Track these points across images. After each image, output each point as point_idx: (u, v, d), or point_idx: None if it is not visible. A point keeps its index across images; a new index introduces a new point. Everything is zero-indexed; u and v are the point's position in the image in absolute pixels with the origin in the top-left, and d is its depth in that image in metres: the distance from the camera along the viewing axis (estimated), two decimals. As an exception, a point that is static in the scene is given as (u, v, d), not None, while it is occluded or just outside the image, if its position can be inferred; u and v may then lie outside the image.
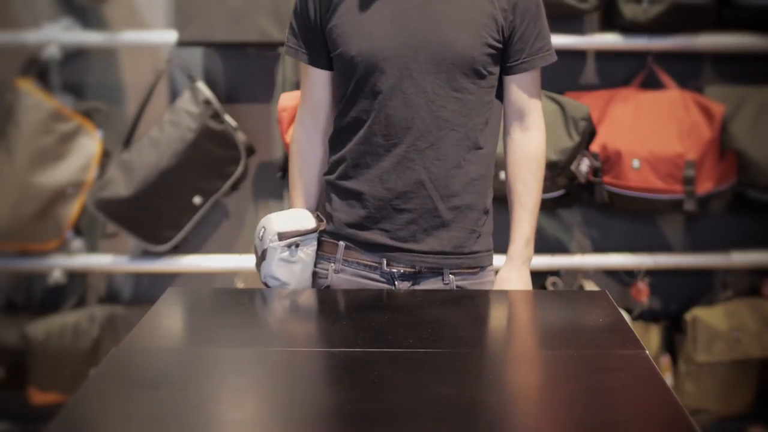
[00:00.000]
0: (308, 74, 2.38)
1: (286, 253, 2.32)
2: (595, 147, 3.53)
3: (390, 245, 2.31)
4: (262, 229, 2.34)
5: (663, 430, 1.57)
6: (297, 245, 2.32)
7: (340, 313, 2.12)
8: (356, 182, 2.32)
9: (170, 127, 3.49)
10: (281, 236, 2.32)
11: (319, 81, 2.37)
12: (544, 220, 3.79)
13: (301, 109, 2.42)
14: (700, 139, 3.52)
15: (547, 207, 3.62)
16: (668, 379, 3.68)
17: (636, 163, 3.50)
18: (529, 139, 2.39)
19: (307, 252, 2.34)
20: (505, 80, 2.37)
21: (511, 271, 2.38)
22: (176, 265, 3.69)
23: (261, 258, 2.34)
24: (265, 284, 2.36)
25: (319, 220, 2.36)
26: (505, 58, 2.33)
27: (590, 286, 3.72)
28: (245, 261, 3.71)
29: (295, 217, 2.36)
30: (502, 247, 2.43)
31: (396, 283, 2.33)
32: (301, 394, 1.63)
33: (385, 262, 2.32)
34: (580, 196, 3.63)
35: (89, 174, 3.56)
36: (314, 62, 2.35)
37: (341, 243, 2.34)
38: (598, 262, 3.78)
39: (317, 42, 2.32)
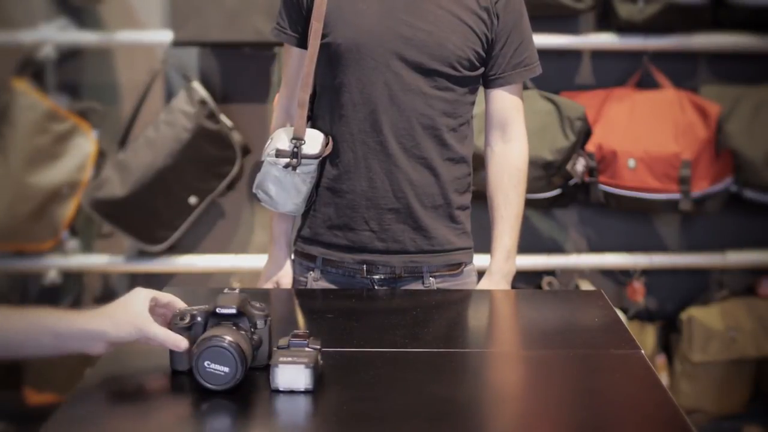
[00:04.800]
0: (293, 55, 2.36)
1: (279, 172, 2.28)
2: (590, 147, 3.54)
3: (369, 247, 2.30)
4: (270, 140, 2.31)
5: (659, 429, 1.57)
6: (294, 167, 2.26)
7: (336, 312, 2.12)
8: (335, 181, 2.31)
9: (166, 127, 3.49)
10: (279, 153, 2.28)
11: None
12: (539, 219, 3.79)
13: (283, 88, 2.40)
14: (696, 139, 3.52)
15: (543, 206, 3.63)
16: (664, 378, 3.68)
17: (631, 163, 3.50)
18: (511, 151, 2.36)
19: (304, 177, 2.28)
20: (486, 91, 2.37)
21: (490, 287, 2.34)
22: (172, 265, 3.68)
23: (258, 168, 2.32)
24: (255, 196, 2.33)
25: (325, 145, 2.29)
26: (485, 69, 2.32)
27: (586, 285, 3.72)
28: (241, 261, 3.71)
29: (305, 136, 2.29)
30: (480, 245, 2.42)
31: (376, 288, 2.32)
32: (295, 393, 1.62)
33: (364, 268, 2.31)
34: (576, 195, 3.63)
35: (85, 174, 3.56)
36: (302, 44, 2.33)
37: (319, 250, 2.34)
38: (593, 262, 3.78)
39: (305, 25, 2.30)
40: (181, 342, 1.67)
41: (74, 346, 1.67)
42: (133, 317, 1.67)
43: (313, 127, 2.33)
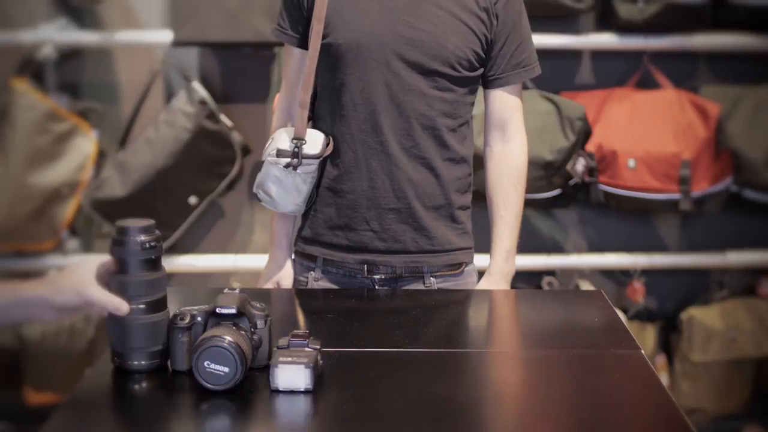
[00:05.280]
0: (294, 55, 2.36)
1: (280, 172, 2.28)
2: (590, 147, 3.53)
3: (370, 247, 2.30)
4: (271, 140, 2.31)
5: (659, 429, 1.57)
6: (294, 167, 2.26)
7: (336, 312, 2.12)
8: (336, 181, 2.31)
9: (166, 127, 3.49)
10: (280, 153, 2.28)
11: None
12: (539, 219, 3.79)
13: (284, 88, 2.39)
14: (696, 139, 3.52)
15: (543, 207, 3.63)
16: (664, 378, 3.68)
17: (632, 163, 3.50)
18: (510, 151, 2.36)
19: (304, 177, 2.28)
20: (486, 92, 2.37)
21: (490, 287, 2.34)
22: (172, 265, 3.68)
23: (259, 168, 2.32)
24: (256, 196, 2.33)
25: (325, 145, 2.29)
26: (485, 70, 2.32)
27: (586, 285, 3.72)
28: (241, 261, 3.71)
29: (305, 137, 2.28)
30: (480, 245, 2.42)
31: (377, 288, 2.32)
32: (295, 393, 1.62)
33: (365, 268, 2.31)
34: (576, 195, 3.63)
35: (85, 174, 3.56)
36: (302, 45, 2.33)
37: (320, 250, 2.34)
38: (593, 262, 3.78)
39: (305, 25, 2.30)
40: (121, 305, 1.65)
41: (20, 314, 1.65)
42: (75, 282, 1.64)
43: (314, 127, 2.33)
